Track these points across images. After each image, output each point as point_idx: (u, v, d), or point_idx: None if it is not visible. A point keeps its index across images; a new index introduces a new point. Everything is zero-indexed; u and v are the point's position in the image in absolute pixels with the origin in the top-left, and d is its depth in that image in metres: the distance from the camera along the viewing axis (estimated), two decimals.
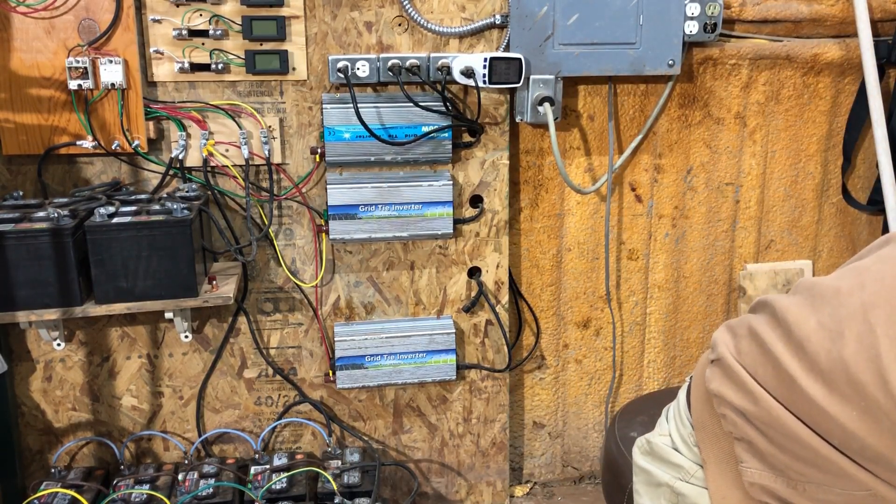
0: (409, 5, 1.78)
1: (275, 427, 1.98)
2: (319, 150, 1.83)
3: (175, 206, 1.63)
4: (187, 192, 1.75)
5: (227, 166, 1.81)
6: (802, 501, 0.88)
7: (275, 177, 1.84)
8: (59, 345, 1.79)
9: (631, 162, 2.06)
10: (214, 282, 1.73)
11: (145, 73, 1.74)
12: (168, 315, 1.75)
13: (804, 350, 0.81)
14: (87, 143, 1.72)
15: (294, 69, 1.79)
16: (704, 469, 0.98)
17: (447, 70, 1.80)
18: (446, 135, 1.85)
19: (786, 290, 2.05)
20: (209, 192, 1.81)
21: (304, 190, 1.86)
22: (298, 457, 1.90)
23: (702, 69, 2.00)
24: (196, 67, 1.74)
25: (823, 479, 0.84)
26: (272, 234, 1.88)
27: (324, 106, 1.79)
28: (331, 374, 1.96)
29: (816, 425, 0.81)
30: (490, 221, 1.96)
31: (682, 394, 1.03)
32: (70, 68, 1.66)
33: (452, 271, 1.98)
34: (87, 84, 1.68)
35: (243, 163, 1.80)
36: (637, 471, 1.07)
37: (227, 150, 1.80)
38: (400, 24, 1.81)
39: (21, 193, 1.73)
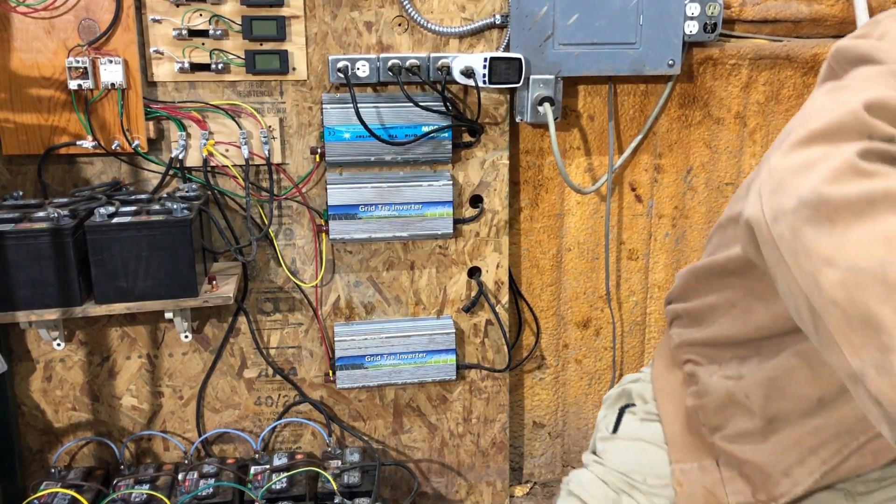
0: (409, 5, 1.78)
1: (275, 427, 1.98)
2: (319, 150, 1.83)
3: (175, 206, 1.63)
4: (187, 192, 1.75)
5: (227, 166, 1.81)
6: (709, 332, 1.09)
7: (275, 177, 1.84)
8: (59, 345, 1.78)
9: (631, 162, 2.06)
10: (214, 282, 1.73)
11: (145, 73, 1.74)
12: (168, 315, 1.75)
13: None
14: (87, 143, 1.72)
15: (294, 69, 1.79)
16: (651, 370, 1.23)
17: (447, 70, 1.80)
18: (446, 135, 1.85)
19: None
20: (209, 192, 1.81)
21: (304, 190, 1.86)
22: (298, 457, 1.90)
23: (702, 69, 2.00)
24: (196, 67, 1.74)
25: (727, 298, 1.07)
26: (272, 234, 1.88)
27: (324, 106, 1.79)
28: (331, 374, 1.96)
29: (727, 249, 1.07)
30: (490, 221, 1.96)
31: None
32: (70, 68, 1.66)
33: (452, 271, 1.98)
34: (87, 84, 1.68)
35: (243, 163, 1.80)
36: (599, 419, 1.30)
37: (227, 150, 1.80)
38: (400, 24, 1.81)
39: (21, 193, 1.73)
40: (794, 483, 1.02)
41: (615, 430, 1.23)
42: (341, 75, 1.77)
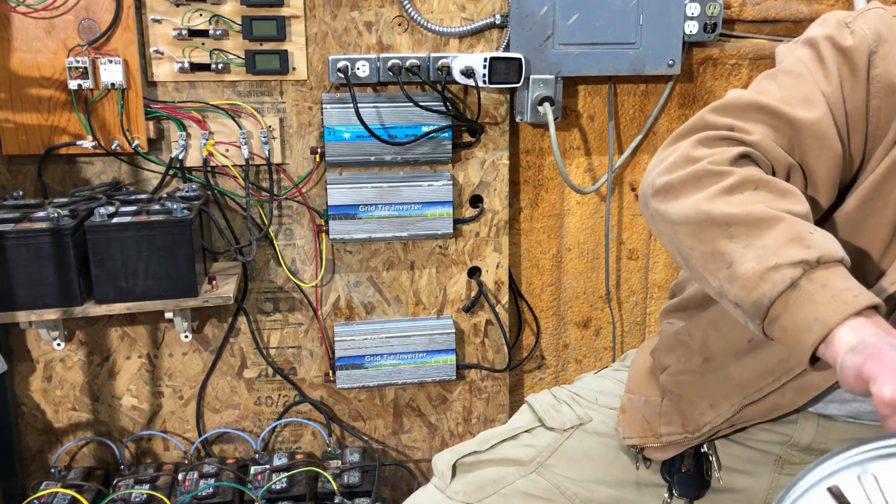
0: (409, 5, 1.78)
1: (275, 427, 1.98)
2: (319, 150, 1.83)
3: (175, 206, 1.63)
4: (187, 192, 1.75)
5: (227, 166, 1.81)
6: (684, 295, 1.27)
7: (275, 177, 1.84)
8: (59, 345, 1.79)
9: (631, 162, 2.06)
10: (214, 282, 1.73)
11: (145, 73, 1.74)
12: (168, 315, 1.75)
13: None
14: (87, 143, 1.72)
15: (294, 69, 1.79)
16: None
17: (447, 70, 1.80)
18: (446, 135, 1.85)
19: None
20: (209, 192, 1.81)
21: (304, 190, 1.86)
22: (298, 457, 1.91)
23: (702, 69, 2.00)
24: (196, 67, 1.74)
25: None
26: (272, 234, 1.88)
27: (324, 106, 1.80)
28: (331, 374, 1.96)
29: None
30: (490, 221, 1.96)
31: None
32: (70, 68, 1.66)
33: (452, 271, 1.98)
34: (87, 84, 1.68)
35: (243, 163, 1.80)
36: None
37: (227, 150, 1.80)
38: (400, 24, 1.81)
39: (21, 193, 1.73)
40: (716, 414, 1.17)
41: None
42: (341, 75, 1.77)
